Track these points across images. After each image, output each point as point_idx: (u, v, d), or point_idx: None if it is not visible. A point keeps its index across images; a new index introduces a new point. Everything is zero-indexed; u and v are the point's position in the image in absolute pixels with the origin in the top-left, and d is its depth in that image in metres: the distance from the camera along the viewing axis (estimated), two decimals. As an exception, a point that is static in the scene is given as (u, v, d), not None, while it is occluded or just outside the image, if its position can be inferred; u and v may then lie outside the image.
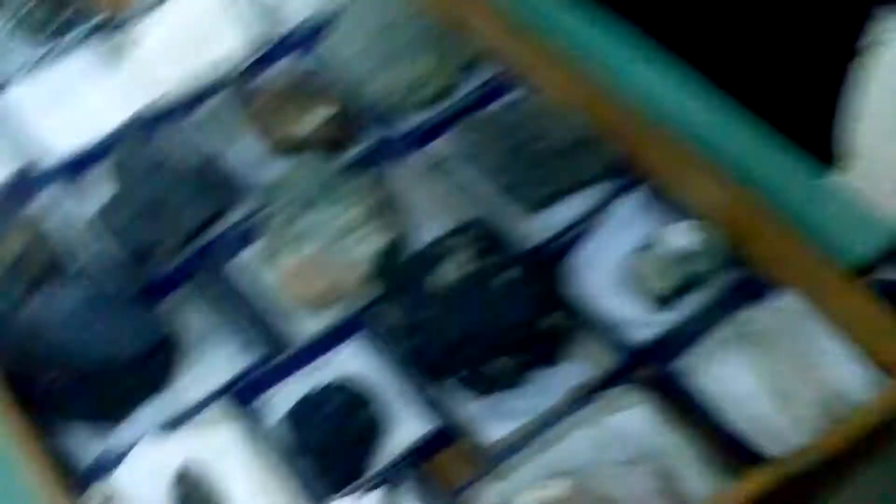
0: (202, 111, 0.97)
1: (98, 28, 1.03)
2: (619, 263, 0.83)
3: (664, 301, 0.80)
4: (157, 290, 0.83)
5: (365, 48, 0.96)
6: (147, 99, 0.97)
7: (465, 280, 0.77)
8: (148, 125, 0.94)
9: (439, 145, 0.93)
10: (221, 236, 0.87)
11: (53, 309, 0.77)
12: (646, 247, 0.82)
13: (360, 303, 0.81)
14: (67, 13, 1.02)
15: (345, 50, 0.97)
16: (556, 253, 0.84)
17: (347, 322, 0.81)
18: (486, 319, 0.75)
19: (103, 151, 0.93)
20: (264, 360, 0.78)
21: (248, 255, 0.86)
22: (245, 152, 0.94)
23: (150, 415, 0.77)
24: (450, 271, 0.78)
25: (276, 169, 0.92)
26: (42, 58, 1.01)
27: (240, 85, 0.95)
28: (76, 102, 0.98)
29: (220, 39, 0.99)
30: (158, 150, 0.89)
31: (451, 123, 0.93)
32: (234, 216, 0.89)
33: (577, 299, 0.80)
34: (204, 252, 0.86)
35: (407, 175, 0.91)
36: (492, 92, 0.96)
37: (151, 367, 0.78)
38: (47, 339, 0.75)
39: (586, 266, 0.84)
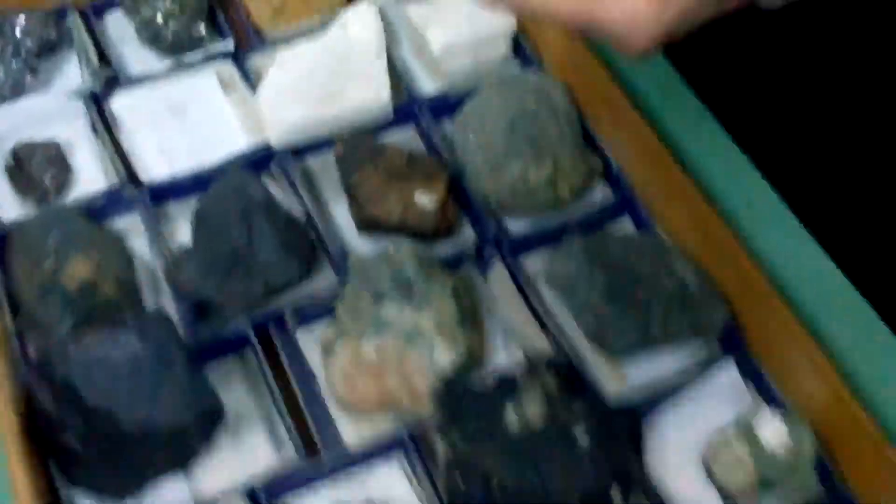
0: (309, 164, 0.93)
1: (226, 53, 0.98)
2: (697, 441, 0.76)
3: (733, 499, 0.73)
4: (212, 351, 0.79)
5: (491, 137, 0.89)
6: (255, 138, 0.94)
7: (536, 427, 0.72)
8: (250, 166, 0.91)
9: (541, 259, 0.87)
10: (292, 307, 0.81)
11: (103, 355, 0.72)
12: (728, 431, 0.75)
13: (415, 419, 0.76)
14: (199, 30, 0.98)
15: (470, 134, 0.91)
16: (637, 410, 0.77)
17: (395, 437, 0.75)
18: (556, 480, 0.69)
19: (197, 184, 0.89)
20: (294, 460, 0.73)
21: (309, 336, 0.81)
22: (338, 220, 0.89)
23: (161, 495, 0.72)
24: (522, 412, 0.72)
25: (365, 247, 0.87)
26: (164, 71, 0.97)
27: (352, 146, 0.90)
28: (183, 124, 0.95)
29: (349, 93, 0.94)
30: (251, 197, 0.84)
31: (559, 237, 0.87)
32: (308, 288, 0.84)
33: (649, 475, 0.73)
34: (267, 319, 0.81)
35: (499, 284, 0.85)
36: (612, 211, 0.91)
37: (187, 442, 0.73)
38: (88, 388, 0.71)
39: (665, 436, 0.77)
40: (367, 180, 0.87)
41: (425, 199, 0.86)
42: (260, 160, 0.91)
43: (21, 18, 0.95)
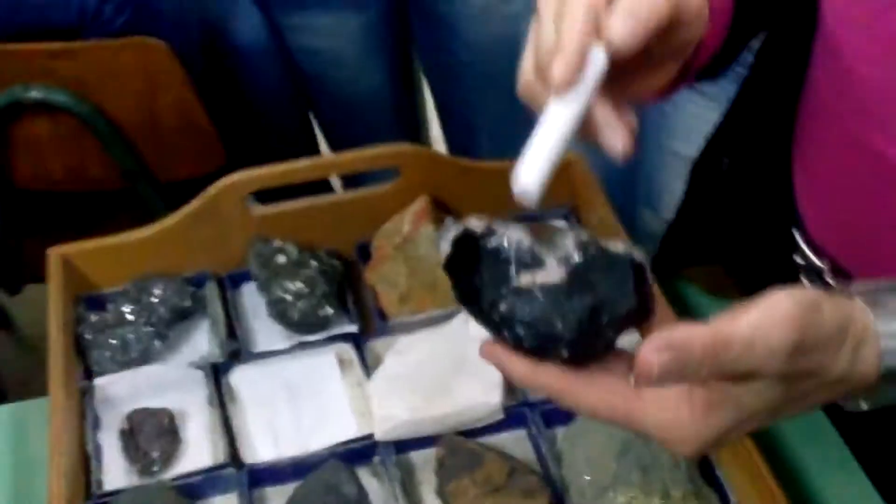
0: (411, 458, 0.91)
1: (349, 335, 1.00)
2: None
3: None
4: None
5: (601, 456, 0.86)
6: (366, 424, 0.93)
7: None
8: (352, 455, 0.90)
9: None
10: None
11: None
12: None
13: None
14: (327, 311, 1.00)
15: (578, 450, 0.88)
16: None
17: None
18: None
19: (296, 471, 0.88)
20: None
21: None
22: (431, 525, 0.87)
23: None
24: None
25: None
26: (288, 348, 0.99)
27: (452, 451, 0.87)
28: (297, 403, 0.95)
29: (461, 390, 0.92)
30: (343, 497, 0.82)
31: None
32: None
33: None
34: None
35: None
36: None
37: None
38: None
39: None
40: (462, 491, 0.84)
41: (521, 517, 0.83)
42: (363, 450, 0.90)
43: (159, 285, 0.99)
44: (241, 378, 0.97)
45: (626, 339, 0.58)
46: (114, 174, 1.47)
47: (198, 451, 0.92)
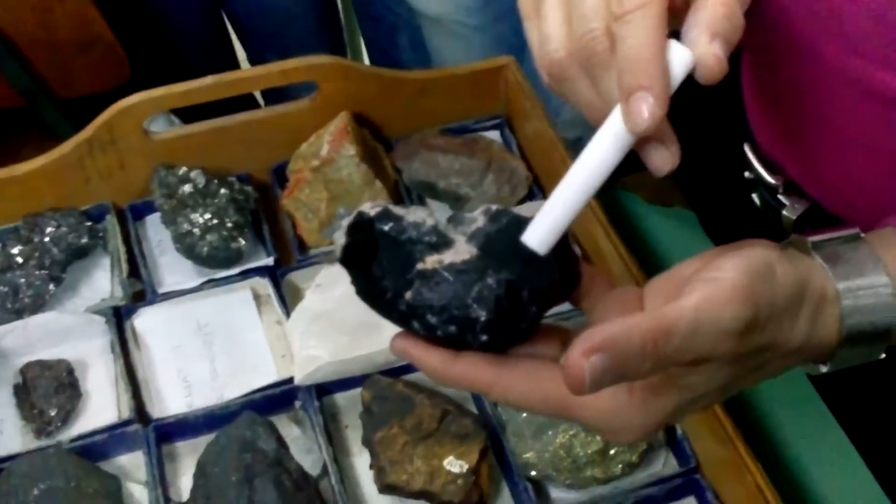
0: (336, 400, 0.84)
1: (266, 269, 0.91)
2: None
3: None
4: None
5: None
6: (286, 366, 0.86)
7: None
8: (272, 402, 0.82)
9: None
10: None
11: None
12: None
13: None
14: (239, 243, 0.92)
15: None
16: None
17: None
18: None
19: (209, 424, 0.81)
20: None
21: None
22: (360, 473, 0.80)
23: None
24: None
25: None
26: (197, 286, 0.90)
27: (380, 396, 0.80)
28: (210, 347, 0.87)
29: (388, 324, 0.85)
30: (259, 453, 0.75)
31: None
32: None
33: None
34: None
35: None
36: (675, 491, 0.79)
37: None
38: None
39: None
40: (391, 440, 0.77)
41: (455, 467, 0.76)
42: (283, 396, 0.83)
43: (51, 223, 0.90)
44: (146, 322, 0.88)
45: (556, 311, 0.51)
46: (11, 92, 1.35)
47: (100, 406, 0.84)
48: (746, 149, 0.75)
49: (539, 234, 0.47)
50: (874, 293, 0.48)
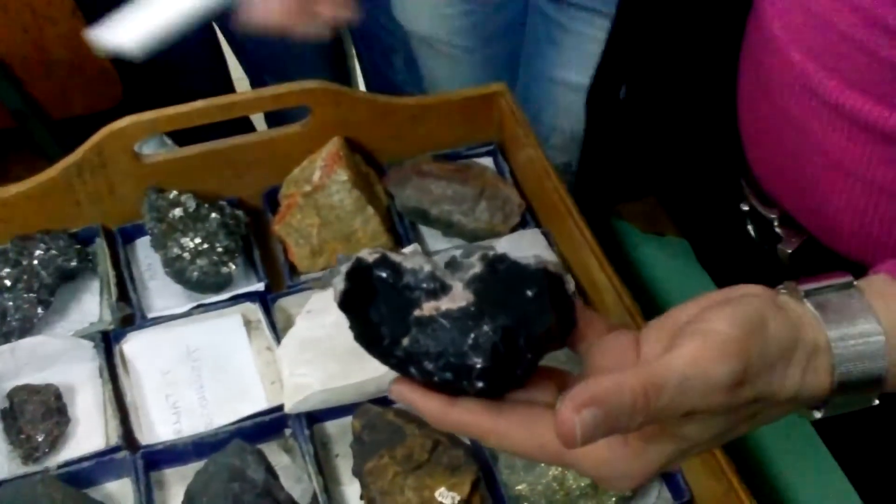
0: (327, 429, 0.84)
1: (256, 294, 0.91)
2: None
3: None
4: None
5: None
6: (276, 393, 0.85)
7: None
8: (261, 430, 0.82)
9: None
10: None
11: None
12: None
13: None
14: (230, 268, 0.91)
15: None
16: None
17: None
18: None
19: (197, 451, 0.80)
20: None
21: None
22: (348, 504, 0.80)
23: None
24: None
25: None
26: (187, 310, 0.90)
27: (370, 426, 0.80)
28: (199, 373, 0.87)
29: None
30: (248, 482, 0.74)
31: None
32: None
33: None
34: None
35: None
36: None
37: None
38: None
39: None
40: (381, 471, 0.76)
41: (447, 498, 0.75)
42: (273, 424, 0.82)
43: (40, 246, 0.89)
44: (135, 347, 0.87)
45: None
46: (3, 113, 1.35)
47: (88, 432, 0.83)
48: (742, 181, 0.75)
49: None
50: (865, 342, 0.48)
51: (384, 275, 0.49)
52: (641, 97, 0.91)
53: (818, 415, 0.50)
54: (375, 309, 0.48)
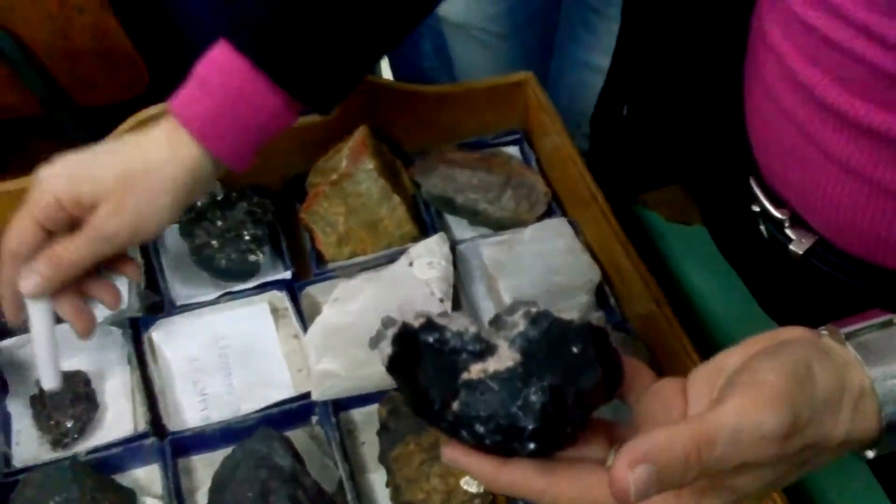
0: (353, 416, 0.84)
1: (283, 282, 0.91)
2: None
3: None
4: None
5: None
6: (303, 380, 0.85)
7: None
8: (288, 417, 0.82)
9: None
10: None
11: None
12: None
13: None
14: (257, 256, 0.91)
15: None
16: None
17: None
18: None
19: (225, 438, 0.80)
20: None
21: None
22: (376, 491, 0.80)
23: None
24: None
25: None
26: (215, 299, 0.90)
27: (395, 413, 0.80)
28: (226, 360, 0.87)
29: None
30: (275, 468, 0.75)
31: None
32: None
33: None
34: None
35: None
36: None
37: None
38: None
39: None
40: (407, 458, 0.77)
41: (472, 486, 0.76)
42: (299, 411, 0.83)
43: (70, 234, 0.89)
44: (163, 334, 0.88)
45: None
46: (30, 101, 1.35)
47: (116, 418, 0.83)
48: (752, 182, 0.75)
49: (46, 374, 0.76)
50: None
51: (430, 339, 0.49)
52: (648, 98, 0.91)
53: (871, 454, 0.50)
54: (423, 373, 0.49)
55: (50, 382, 0.77)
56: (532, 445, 0.47)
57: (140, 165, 0.73)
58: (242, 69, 0.73)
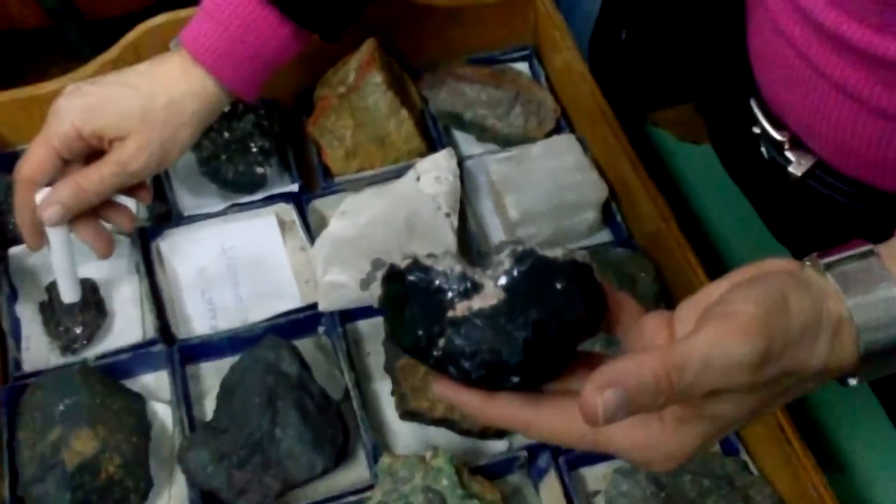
0: (359, 327, 0.85)
1: (290, 195, 0.91)
2: None
3: None
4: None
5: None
6: (310, 291, 0.86)
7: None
8: (295, 326, 0.83)
9: (602, 475, 0.76)
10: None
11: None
12: None
13: None
14: (264, 169, 0.91)
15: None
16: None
17: None
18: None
19: (233, 346, 0.81)
20: None
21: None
22: (382, 398, 0.81)
23: None
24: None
25: (407, 433, 0.79)
26: (222, 210, 0.90)
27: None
28: (234, 270, 0.88)
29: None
30: (282, 375, 0.76)
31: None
32: (335, 481, 0.75)
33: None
34: None
35: (552, 500, 0.75)
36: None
37: None
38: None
39: None
40: (413, 368, 0.78)
41: (476, 396, 0.76)
42: (306, 321, 0.83)
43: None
44: (171, 244, 0.89)
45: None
46: (36, 11, 1.34)
47: (125, 326, 0.84)
48: (752, 104, 0.75)
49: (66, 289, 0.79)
50: (886, 308, 0.48)
51: (416, 279, 0.50)
52: (647, 21, 0.91)
53: (853, 382, 0.51)
54: (410, 312, 0.50)
55: (70, 296, 0.79)
56: (516, 379, 0.48)
57: (161, 101, 0.75)
58: (252, 1, 0.75)
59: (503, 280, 0.50)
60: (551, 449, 0.76)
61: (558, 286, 0.49)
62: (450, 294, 0.50)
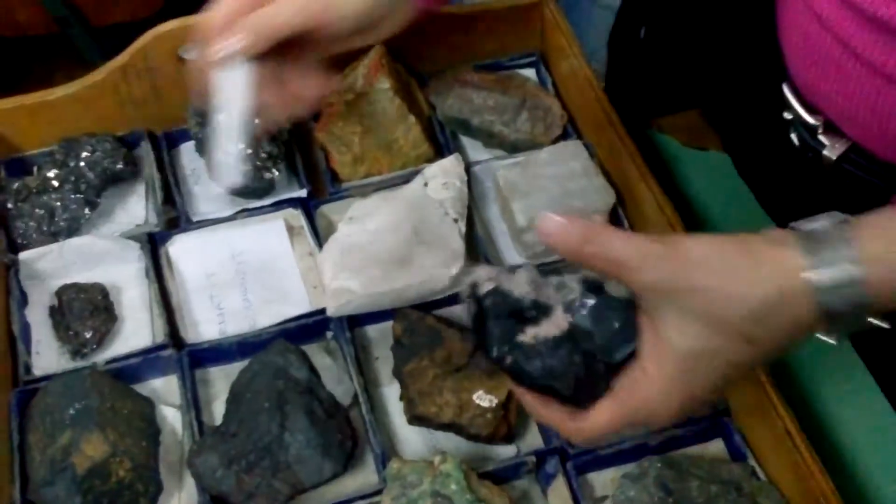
0: (367, 332, 0.85)
1: (298, 200, 0.91)
2: None
3: None
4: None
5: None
6: (318, 296, 0.86)
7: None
8: (304, 331, 0.83)
9: (610, 479, 0.77)
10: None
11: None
12: None
13: None
14: (273, 174, 0.92)
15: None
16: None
17: None
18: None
19: (242, 351, 0.82)
20: None
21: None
22: (390, 403, 0.81)
23: None
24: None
25: (415, 438, 0.79)
26: (231, 215, 0.91)
27: (410, 329, 0.81)
28: (243, 275, 0.88)
29: (419, 260, 0.85)
30: (291, 380, 0.76)
31: (635, 456, 0.76)
32: (344, 486, 0.75)
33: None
34: None
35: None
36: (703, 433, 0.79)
37: None
38: None
39: None
40: (421, 373, 0.78)
41: (484, 401, 0.77)
42: (315, 326, 0.84)
43: (87, 148, 0.90)
44: (180, 248, 0.89)
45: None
46: (44, 18, 1.35)
47: (134, 330, 0.85)
48: (785, 89, 0.75)
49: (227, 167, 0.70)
50: (841, 269, 0.50)
51: (491, 303, 0.60)
52: (667, 18, 0.91)
53: (834, 340, 0.53)
54: (488, 330, 0.60)
55: (231, 176, 0.71)
56: (567, 400, 0.60)
57: None
58: None
59: (571, 309, 0.59)
60: (559, 454, 0.76)
61: (616, 325, 0.58)
62: (521, 319, 0.59)
